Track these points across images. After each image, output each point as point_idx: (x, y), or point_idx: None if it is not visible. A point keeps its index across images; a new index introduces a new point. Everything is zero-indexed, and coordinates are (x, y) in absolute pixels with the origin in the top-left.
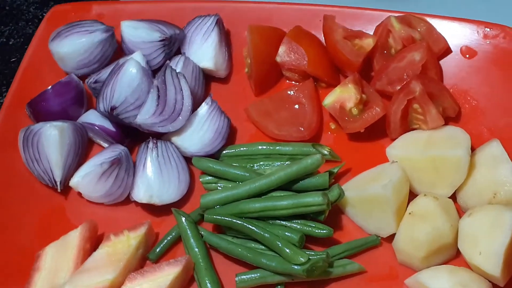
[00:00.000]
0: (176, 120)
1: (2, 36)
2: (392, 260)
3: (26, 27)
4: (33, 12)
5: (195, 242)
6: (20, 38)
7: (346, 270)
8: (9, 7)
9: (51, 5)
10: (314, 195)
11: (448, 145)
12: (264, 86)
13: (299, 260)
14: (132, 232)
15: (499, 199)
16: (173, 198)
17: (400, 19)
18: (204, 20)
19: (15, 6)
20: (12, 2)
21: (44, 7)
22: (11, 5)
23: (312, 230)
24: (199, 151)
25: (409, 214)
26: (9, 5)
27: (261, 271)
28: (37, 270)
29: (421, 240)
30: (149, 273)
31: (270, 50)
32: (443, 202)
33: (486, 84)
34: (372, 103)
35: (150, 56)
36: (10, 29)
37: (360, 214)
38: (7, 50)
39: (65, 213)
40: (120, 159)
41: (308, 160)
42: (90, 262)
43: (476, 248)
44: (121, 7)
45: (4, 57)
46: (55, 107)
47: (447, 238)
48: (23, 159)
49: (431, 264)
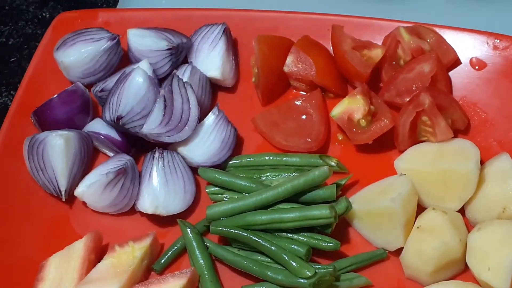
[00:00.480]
0: (183, 130)
1: (2, 36)
2: (399, 274)
3: (26, 27)
4: (32, 12)
5: (201, 254)
6: (20, 38)
7: (353, 284)
8: (8, 6)
9: (50, 5)
10: (321, 208)
11: (457, 158)
12: (271, 96)
13: (305, 273)
14: (137, 243)
15: (508, 214)
16: (179, 209)
17: (409, 29)
18: (211, 28)
19: (15, 5)
20: (11, 2)
21: (44, 6)
22: (10, 4)
23: (319, 243)
24: (205, 162)
25: (417, 228)
26: (8, 5)
27: (267, 284)
28: (41, 280)
29: (429, 255)
30: (154, 285)
31: (278, 59)
32: (451, 216)
33: (495, 96)
34: (381, 114)
35: (156, 65)
36: (10, 28)
37: (367, 227)
38: (7, 50)
39: (70, 222)
40: (125, 169)
41: (315, 172)
42: (94, 273)
43: (485, 264)
44: (127, 15)
45: (4, 57)
46: (61, 115)
47: (456, 253)
48: (28, 168)
49: (439, 279)
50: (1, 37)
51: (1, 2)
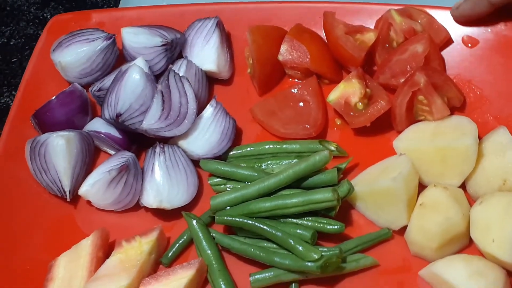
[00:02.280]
0: (182, 124)
1: (3, 36)
2: (404, 252)
3: (27, 28)
4: (34, 13)
5: (207, 244)
6: (21, 39)
7: (360, 264)
8: (10, 7)
9: (51, 5)
10: (324, 192)
11: (455, 135)
12: (267, 85)
13: (312, 256)
14: (144, 237)
15: (509, 186)
16: (183, 202)
17: (400, 12)
18: (204, 23)
19: (16, 6)
20: (13, 3)
21: (45, 7)
22: (12, 5)
23: (323, 226)
24: (206, 154)
25: (420, 205)
26: (10, 6)
27: (275, 269)
28: (51, 280)
29: (433, 231)
30: (163, 277)
31: (272, 49)
32: (453, 192)
33: (489, 72)
34: (377, 97)
35: (152, 61)
36: (11, 29)
37: (370, 208)
38: (8, 50)
39: (75, 222)
40: (128, 165)
41: (316, 157)
42: (103, 269)
43: (489, 236)
44: (120, 14)
45: (5, 57)
46: (61, 117)
47: (460, 228)
48: (31, 170)
49: (445, 254)
50: (2, 37)
51: (3, 3)
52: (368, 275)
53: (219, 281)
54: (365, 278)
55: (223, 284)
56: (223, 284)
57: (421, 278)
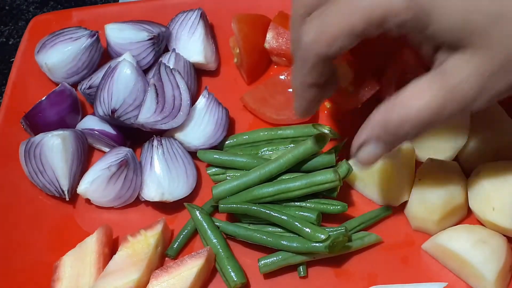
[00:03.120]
0: (178, 116)
1: (2, 36)
2: (406, 227)
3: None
4: (33, 12)
5: (213, 234)
6: (20, 38)
7: (364, 242)
8: (9, 6)
9: (50, 5)
10: (326, 173)
11: None
12: (255, 74)
13: (319, 237)
14: (149, 231)
15: (502, 155)
16: (184, 193)
17: None
18: (187, 15)
19: (15, 5)
20: (12, 2)
21: (44, 7)
22: (11, 4)
23: (326, 207)
24: (203, 144)
25: (419, 180)
26: (8, 5)
27: (283, 253)
28: (58, 280)
29: (434, 204)
30: (173, 269)
31: (258, 37)
32: (449, 165)
33: None
34: (366, 78)
35: (139, 56)
36: (10, 28)
37: (370, 186)
38: (7, 49)
39: (76, 221)
40: (127, 161)
41: (314, 139)
42: (112, 265)
43: (488, 205)
44: (101, 11)
45: (4, 57)
46: (52, 117)
47: (459, 199)
48: (26, 173)
49: (446, 226)
50: (1, 37)
51: (1, 2)
52: (373, 252)
53: (227, 268)
54: (371, 255)
55: (232, 271)
56: (232, 271)
57: (424, 251)
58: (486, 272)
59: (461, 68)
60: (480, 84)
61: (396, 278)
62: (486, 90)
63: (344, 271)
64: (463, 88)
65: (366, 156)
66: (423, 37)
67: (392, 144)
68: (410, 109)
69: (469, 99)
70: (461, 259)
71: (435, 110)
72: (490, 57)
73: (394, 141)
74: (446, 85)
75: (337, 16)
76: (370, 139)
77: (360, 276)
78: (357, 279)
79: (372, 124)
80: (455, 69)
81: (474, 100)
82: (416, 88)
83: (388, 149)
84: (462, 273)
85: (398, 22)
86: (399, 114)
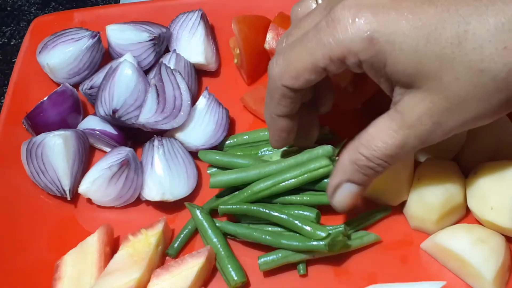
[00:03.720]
0: (178, 116)
1: (4, 36)
2: (405, 226)
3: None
4: (34, 13)
5: (213, 233)
6: (22, 39)
7: (364, 241)
8: (10, 7)
9: (52, 5)
10: (319, 159)
11: None
12: (255, 74)
13: (319, 235)
14: (149, 230)
15: (501, 155)
16: (185, 193)
17: None
18: (188, 16)
19: (17, 6)
20: (13, 3)
21: (46, 7)
22: (12, 5)
23: (323, 198)
24: (203, 144)
25: (418, 179)
26: (10, 6)
27: (283, 251)
28: (59, 279)
29: (433, 204)
30: (173, 268)
31: (258, 38)
32: (448, 165)
33: None
34: (366, 78)
35: (140, 57)
36: (12, 29)
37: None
38: (9, 50)
39: (77, 221)
40: (128, 160)
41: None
42: (112, 264)
43: (487, 204)
44: (102, 12)
45: (6, 57)
46: (54, 117)
47: (458, 198)
48: (28, 173)
49: (444, 226)
50: (3, 37)
51: (3, 2)
52: (372, 251)
53: (228, 267)
54: (370, 254)
55: (232, 270)
56: (232, 270)
57: (423, 250)
58: (485, 271)
59: (415, 108)
60: (433, 122)
61: (395, 277)
62: (439, 127)
63: (343, 270)
64: (418, 126)
65: (343, 197)
66: (381, 75)
67: (365, 183)
68: (374, 149)
69: (425, 136)
70: (460, 258)
71: (398, 147)
72: (440, 99)
73: (367, 180)
74: (403, 124)
75: (301, 51)
76: (343, 182)
77: (360, 275)
78: (357, 278)
79: (341, 168)
80: (410, 109)
81: (430, 136)
82: (378, 128)
83: (362, 188)
84: (461, 272)
85: (356, 61)
86: (366, 155)
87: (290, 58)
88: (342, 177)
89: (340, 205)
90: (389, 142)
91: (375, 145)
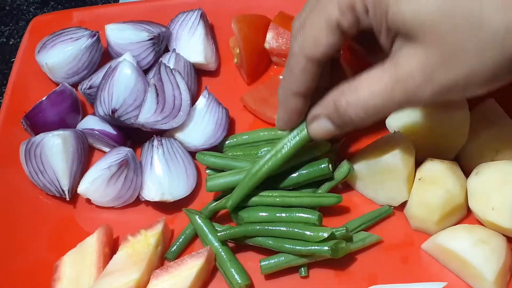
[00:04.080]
0: (178, 116)
1: (3, 36)
2: (405, 227)
3: (27, 27)
4: (33, 12)
5: (214, 237)
6: (21, 38)
7: (366, 242)
8: (9, 7)
9: (51, 5)
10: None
11: (446, 109)
12: (255, 74)
13: (322, 236)
14: (149, 230)
15: (502, 156)
16: (184, 193)
17: None
18: (188, 15)
19: (15, 6)
20: (12, 2)
21: (45, 7)
22: (11, 5)
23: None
24: (203, 144)
25: (419, 180)
26: (9, 5)
27: (285, 254)
28: (58, 280)
29: (434, 204)
30: (173, 268)
31: (258, 37)
32: (449, 165)
33: None
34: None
35: (139, 56)
36: (10, 29)
37: (370, 187)
38: (7, 50)
39: (76, 222)
40: (127, 160)
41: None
42: (112, 265)
43: (488, 205)
44: (102, 11)
45: (5, 57)
46: (53, 117)
47: (459, 199)
48: (27, 173)
49: (445, 226)
50: (1, 37)
51: (2, 2)
52: (373, 252)
53: (230, 270)
54: (371, 255)
55: (235, 273)
56: (235, 274)
57: (424, 251)
58: (486, 272)
59: (410, 60)
60: (423, 77)
61: (396, 278)
62: (429, 83)
63: (344, 271)
64: (407, 79)
65: (317, 129)
66: (382, 25)
67: (341, 126)
68: (358, 95)
69: (412, 91)
70: (461, 259)
71: (383, 99)
72: (435, 51)
73: (343, 124)
74: (395, 75)
75: (314, 18)
76: (322, 115)
77: (361, 276)
78: (358, 279)
79: (325, 102)
80: (405, 60)
81: (417, 92)
82: (369, 76)
83: (338, 129)
84: (462, 273)
85: (363, 8)
86: (348, 99)
87: (305, 29)
88: (322, 111)
89: (313, 135)
90: (375, 93)
91: (359, 94)
